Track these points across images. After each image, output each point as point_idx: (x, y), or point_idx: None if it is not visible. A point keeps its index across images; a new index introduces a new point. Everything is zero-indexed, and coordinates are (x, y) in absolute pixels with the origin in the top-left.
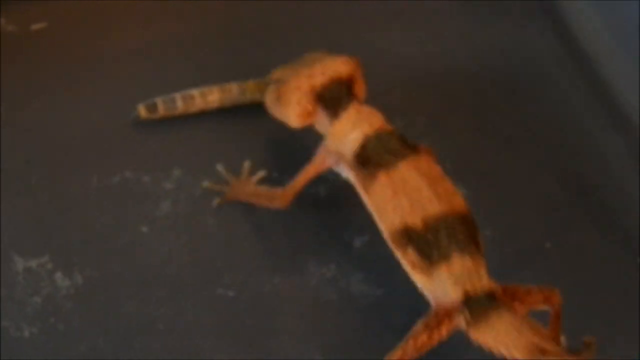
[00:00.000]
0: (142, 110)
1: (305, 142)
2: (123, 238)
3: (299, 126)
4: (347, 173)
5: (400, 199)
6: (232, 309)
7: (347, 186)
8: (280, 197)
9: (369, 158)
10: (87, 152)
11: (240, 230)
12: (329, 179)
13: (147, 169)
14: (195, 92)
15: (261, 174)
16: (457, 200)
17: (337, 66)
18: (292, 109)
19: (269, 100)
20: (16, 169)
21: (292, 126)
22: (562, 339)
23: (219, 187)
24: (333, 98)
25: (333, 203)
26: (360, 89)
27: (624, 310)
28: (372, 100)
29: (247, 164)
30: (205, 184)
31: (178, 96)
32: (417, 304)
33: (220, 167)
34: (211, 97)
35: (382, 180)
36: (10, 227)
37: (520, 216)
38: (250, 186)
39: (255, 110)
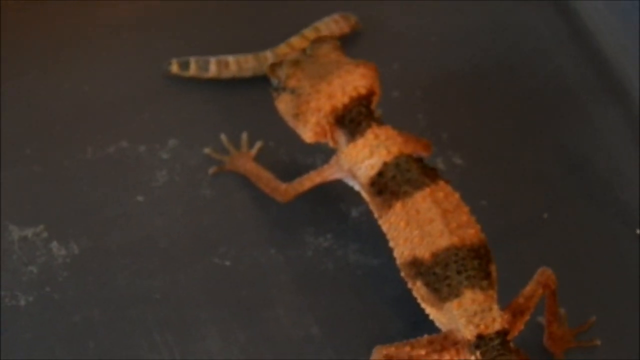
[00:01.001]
0: (174, 66)
1: None
2: (119, 208)
3: (312, 142)
4: (359, 189)
5: (412, 230)
6: (228, 280)
7: None
8: (282, 193)
9: (386, 187)
10: (82, 122)
11: (237, 201)
12: (325, 150)
13: (143, 139)
14: (230, 58)
15: (259, 144)
16: (471, 232)
17: (357, 81)
18: (310, 128)
19: (284, 109)
20: (10, 140)
21: (304, 140)
22: (562, 311)
23: (219, 155)
24: (352, 121)
25: None
26: (377, 96)
27: (622, 282)
28: None
29: (244, 136)
30: (207, 150)
31: (213, 60)
32: None
33: (223, 137)
34: (246, 65)
35: (397, 210)
36: (6, 197)
37: (516, 188)
38: (250, 162)
39: (252, 81)
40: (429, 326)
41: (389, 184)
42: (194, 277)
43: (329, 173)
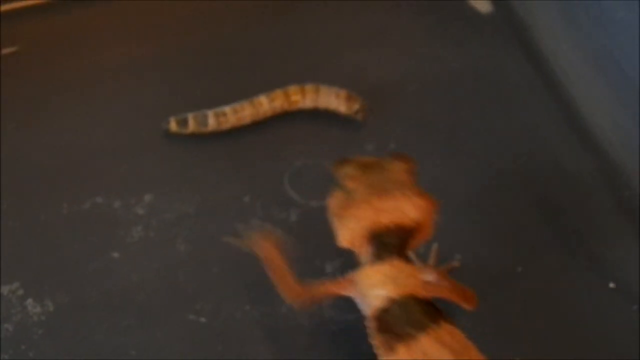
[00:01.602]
0: (172, 124)
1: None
2: (94, 264)
3: (343, 246)
4: (365, 314)
5: None
6: (204, 336)
7: (318, 212)
8: (295, 295)
9: (388, 326)
10: (57, 177)
11: (212, 257)
12: (300, 204)
13: (119, 195)
14: (227, 108)
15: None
16: None
17: (409, 209)
18: (344, 232)
19: (332, 204)
20: None
21: (338, 242)
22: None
23: (238, 241)
24: (383, 245)
25: (304, 228)
26: (426, 232)
27: (596, 334)
28: (340, 126)
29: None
30: (227, 238)
31: (210, 113)
32: None
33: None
34: (242, 113)
35: (402, 354)
36: None
37: (490, 241)
38: (274, 250)
39: (231, 133)
40: None
41: (392, 324)
42: (170, 334)
43: (343, 287)
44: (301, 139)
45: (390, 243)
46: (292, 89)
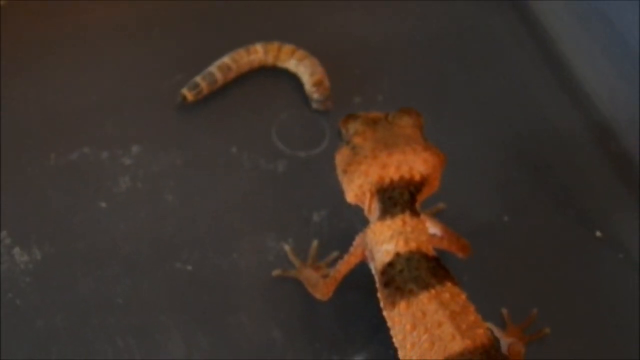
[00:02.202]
0: (187, 94)
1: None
2: (81, 214)
3: (351, 202)
4: (374, 274)
5: (419, 335)
6: (190, 285)
7: (305, 163)
8: (322, 287)
9: (393, 280)
10: (45, 129)
11: (199, 207)
12: (287, 155)
13: (106, 146)
14: (226, 59)
15: (334, 255)
16: (480, 332)
17: (417, 163)
18: (352, 188)
19: (338, 160)
20: None
21: (345, 198)
22: (504, 311)
23: (295, 259)
24: (391, 200)
25: (291, 179)
26: (433, 185)
27: (581, 284)
28: (329, 78)
29: (315, 244)
30: (276, 271)
31: (214, 69)
32: (372, 280)
33: (314, 246)
34: (241, 60)
35: (402, 309)
36: None
37: (477, 192)
38: (315, 274)
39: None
40: (388, 330)
41: (396, 278)
42: (156, 283)
43: (358, 252)
44: (288, 91)
45: (399, 198)
46: (287, 47)
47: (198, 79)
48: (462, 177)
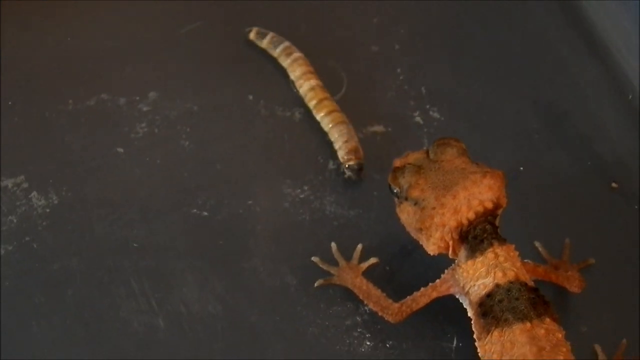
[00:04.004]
0: (253, 33)
1: None
2: (98, 159)
3: (434, 254)
4: (466, 306)
5: None
6: (206, 230)
7: None
8: (395, 313)
9: (491, 310)
10: (63, 75)
11: (215, 153)
12: (303, 103)
13: (123, 92)
14: (297, 54)
15: (372, 260)
16: None
17: (483, 193)
18: (433, 242)
19: (406, 219)
20: None
21: (427, 252)
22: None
23: (327, 266)
24: (475, 238)
25: (308, 127)
26: (503, 203)
27: (597, 233)
28: (347, 27)
29: (359, 248)
30: (315, 259)
31: (284, 45)
32: (387, 227)
33: (334, 246)
34: (293, 71)
35: (494, 337)
36: None
37: (494, 141)
38: (359, 277)
39: (233, 34)
40: (405, 276)
41: (494, 308)
42: (172, 228)
43: (444, 287)
44: (306, 41)
45: (482, 233)
46: (329, 103)
47: (271, 34)
48: (479, 127)
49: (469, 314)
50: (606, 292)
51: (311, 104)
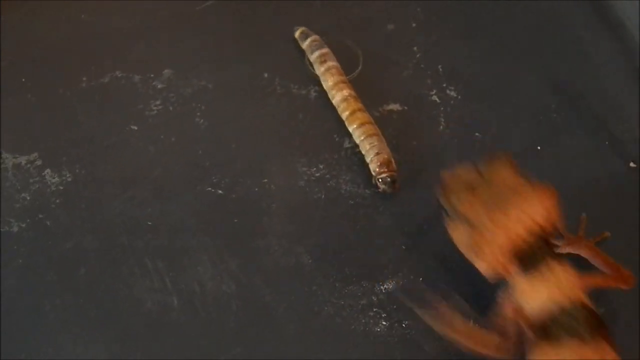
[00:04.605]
0: (298, 31)
1: None
2: (112, 137)
3: (488, 275)
4: (522, 325)
5: None
6: (220, 208)
7: None
8: (497, 350)
9: (547, 328)
10: (77, 52)
11: (230, 131)
12: (319, 81)
13: (138, 69)
14: (332, 63)
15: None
16: None
17: (536, 211)
18: (485, 265)
19: (459, 239)
20: (6, 69)
21: (479, 270)
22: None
23: (421, 311)
24: (531, 258)
25: (323, 105)
26: (557, 224)
27: (613, 213)
28: (363, 5)
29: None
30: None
31: (323, 51)
32: (402, 206)
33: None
34: (325, 80)
35: (544, 351)
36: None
37: (510, 120)
38: (457, 322)
39: (251, 12)
40: (418, 255)
41: (553, 329)
42: (186, 205)
43: (503, 310)
44: (322, 18)
45: (537, 252)
46: (361, 114)
47: (313, 36)
48: (496, 106)
49: (524, 332)
50: None
51: (344, 115)
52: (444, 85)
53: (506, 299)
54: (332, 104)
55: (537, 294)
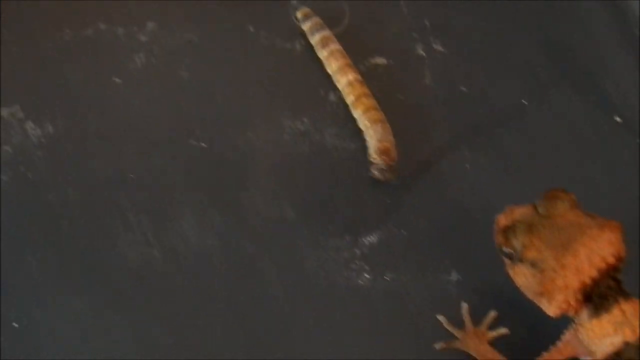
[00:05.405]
0: (300, 12)
1: None
2: (95, 90)
3: (556, 317)
4: None
5: None
6: (204, 162)
7: None
8: None
9: None
10: (59, 4)
11: (214, 84)
12: (304, 35)
13: (121, 21)
14: (334, 47)
15: (503, 330)
16: None
17: (604, 249)
18: (556, 306)
19: (524, 283)
20: None
21: (546, 312)
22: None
23: (452, 328)
24: (600, 297)
25: (309, 58)
26: (623, 257)
27: (601, 167)
28: None
29: (492, 314)
30: (441, 317)
31: (325, 34)
32: None
33: (465, 308)
34: (329, 64)
35: None
36: None
37: (497, 75)
38: (485, 344)
39: None
40: (402, 209)
41: None
42: (169, 160)
43: (568, 349)
44: None
45: (607, 290)
46: (367, 100)
47: (314, 19)
48: (483, 61)
49: None
50: None
51: (348, 99)
52: (431, 39)
53: (573, 338)
54: (318, 57)
55: (607, 333)
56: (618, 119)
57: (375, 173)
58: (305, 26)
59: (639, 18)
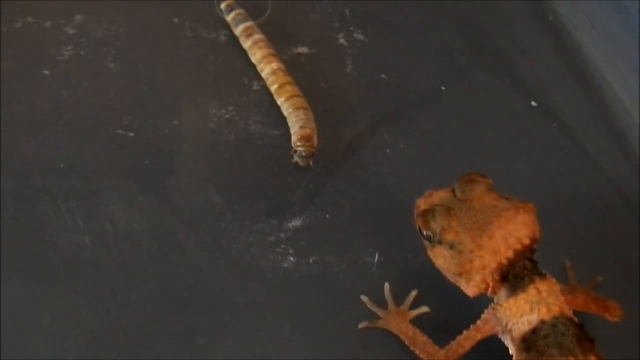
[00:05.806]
0: (223, 3)
1: None
2: (24, 81)
3: (474, 296)
4: (508, 343)
5: None
6: (132, 150)
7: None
8: (442, 359)
9: (535, 345)
10: None
11: (141, 75)
12: (228, 25)
13: (49, 15)
14: (258, 36)
15: (424, 309)
16: None
17: (519, 230)
18: (473, 285)
19: (443, 264)
20: None
21: (467, 294)
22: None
23: (375, 307)
24: (516, 277)
25: (233, 49)
26: (538, 238)
27: (516, 149)
28: None
29: (413, 294)
30: (364, 298)
31: (248, 24)
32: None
33: (387, 287)
34: (254, 54)
35: None
36: None
37: (416, 62)
38: (406, 322)
39: None
40: (325, 194)
41: (539, 343)
42: (98, 148)
43: (487, 328)
44: None
45: (522, 270)
46: (290, 88)
47: (237, 10)
48: (402, 49)
49: (511, 352)
50: None
51: (272, 88)
52: (351, 28)
53: (491, 316)
54: (242, 47)
55: (524, 312)
56: (534, 103)
57: (297, 160)
58: (229, 17)
59: (553, 4)
